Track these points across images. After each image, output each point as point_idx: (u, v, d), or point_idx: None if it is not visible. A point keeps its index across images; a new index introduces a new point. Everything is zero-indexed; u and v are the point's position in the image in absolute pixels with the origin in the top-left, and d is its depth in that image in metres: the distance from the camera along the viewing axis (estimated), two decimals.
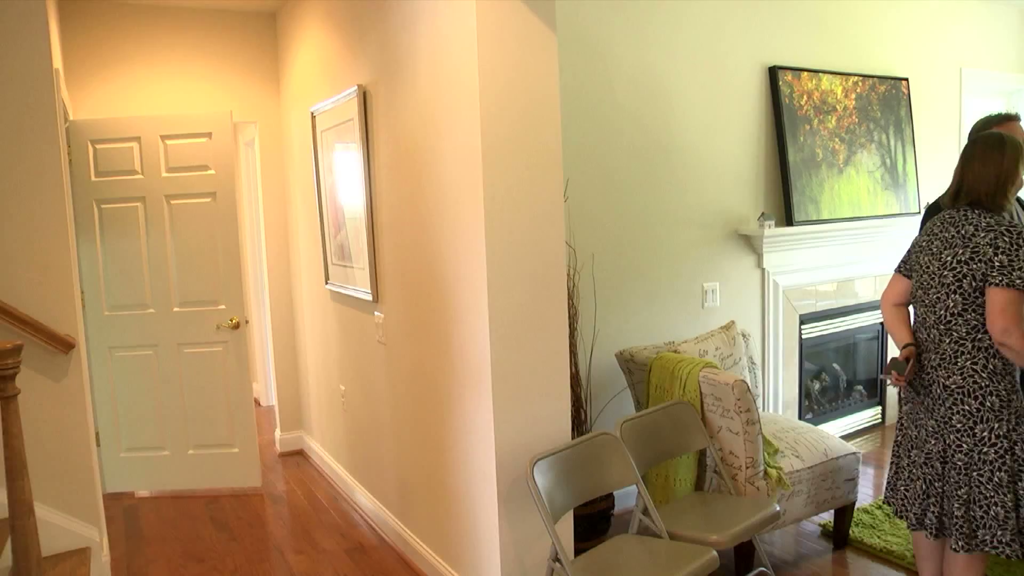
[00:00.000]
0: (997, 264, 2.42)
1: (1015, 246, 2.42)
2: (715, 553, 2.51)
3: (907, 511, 2.68)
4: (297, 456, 5.18)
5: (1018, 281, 2.39)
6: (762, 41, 4.46)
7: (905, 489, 2.70)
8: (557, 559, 2.50)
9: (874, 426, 5.25)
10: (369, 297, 3.66)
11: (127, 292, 4.34)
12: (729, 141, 4.35)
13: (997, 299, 2.42)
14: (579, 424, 3.49)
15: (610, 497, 3.40)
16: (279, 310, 5.17)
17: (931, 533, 2.61)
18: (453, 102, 2.75)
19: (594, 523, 3.33)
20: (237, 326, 4.38)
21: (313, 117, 4.22)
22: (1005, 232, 2.45)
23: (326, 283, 4.29)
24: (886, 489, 2.84)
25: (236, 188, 4.78)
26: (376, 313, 3.65)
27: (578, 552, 3.16)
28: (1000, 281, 2.41)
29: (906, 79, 5.21)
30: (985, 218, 2.51)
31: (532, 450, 2.74)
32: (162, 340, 4.38)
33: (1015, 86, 6.23)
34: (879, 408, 5.28)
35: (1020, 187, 2.60)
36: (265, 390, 6.47)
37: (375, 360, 3.74)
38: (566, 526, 2.86)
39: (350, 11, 3.63)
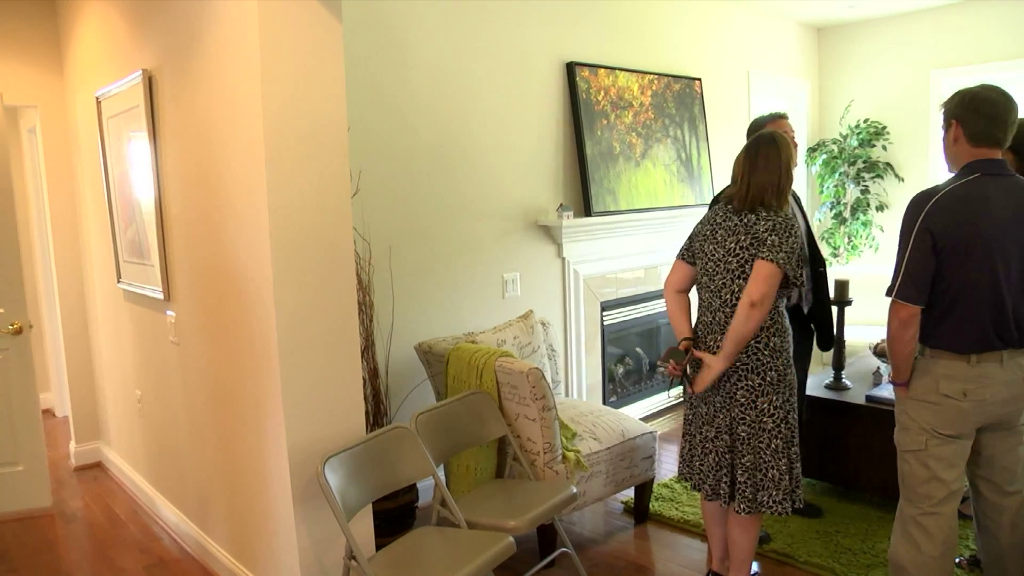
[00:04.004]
0: (768, 243, 2.64)
1: (787, 234, 2.65)
2: (511, 539, 2.55)
3: (704, 483, 2.85)
4: (95, 469, 4.83)
5: (780, 260, 2.63)
6: (560, 37, 4.59)
7: (700, 464, 2.87)
8: (353, 557, 2.46)
9: (677, 405, 5.56)
10: (161, 295, 3.47)
11: None
12: (528, 134, 4.45)
13: (763, 270, 2.64)
14: (379, 418, 3.47)
15: (413, 490, 3.39)
16: (71, 312, 4.79)
17: (725, 501, 2.80)
18: (236, 90, 2.65)
19: (399, 517, 3.31)
20: (20, 331, 4.02)
21: (99, 102, 3.93)
22: (782, 221, 2.68)
23: (118, 281, 4.03)
24: (679, 464, 3.00)
25: (13, 178, 4.37)
26: (168, 312, 3.47)
27: (383, 548, 3.13)
28: (767, 256, 2.64)
29: (699, 79, 5.54)
30: (763, 210, 2.71)
31: (326, 448, 2.68)
32: None
33: (794, 88, 6.80)
34: (681, 388, 5.58)
35: (792, 181, 2.83)
36: (59, 400, 5.99)
37: (169, 362, 3.56)
38: (364, 522, 2.83)
39: None
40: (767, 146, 2.75)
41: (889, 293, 2.43)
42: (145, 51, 3.37)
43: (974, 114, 2.38)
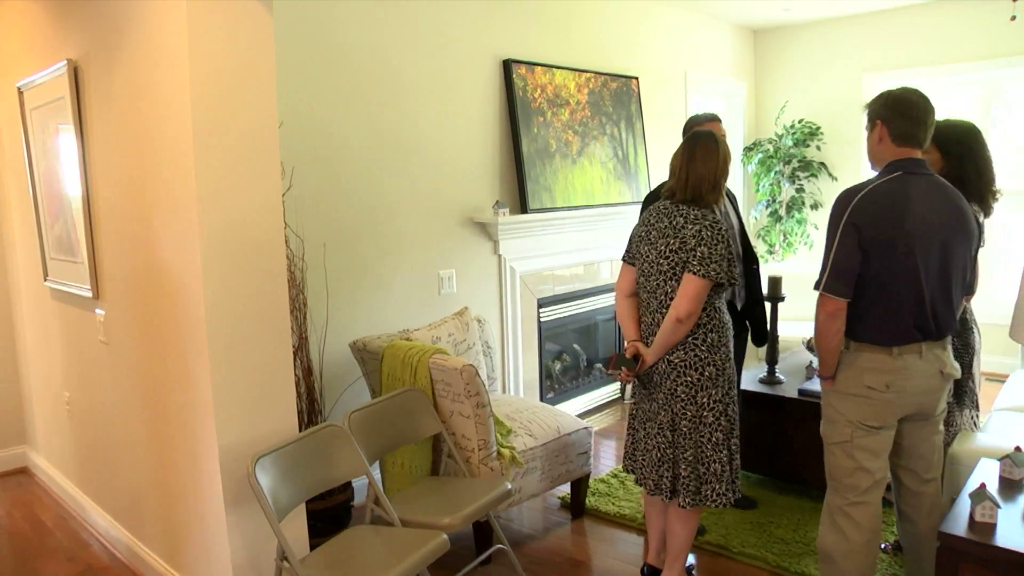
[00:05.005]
0: (698, 255, 2.68)
1: (715, 241, 2.69)
2: (445, 536, 2.55)
3: (646, 478, 2.89)
4: (20, 475, 4.66)
5: (712, 273, 2.67)
6: (497, 35, 4.60)
7: (643, 459, 2.90)
8: (285, 558, 2.43)
9: (614, 401, 5.62)
10: (89, 294, 3.38)
11: None
12: (464, 131, 4.45)
13: (691, 286, 2.69)
14: (314, 416, 3.44)
15: (348, 489, 3.37)
16: None
17: (667, 496, 2.83)
18: (164, 82, 2.59)
19: (335, 516, 3.29)
20: None
21: (21, 93, 3.81)
22: (709, 226, 2.71)
23: (45, 279, 3.91)
24: (624, 459, 3.04)
25: None
26: (98, 311, 3.38)
27: (317, 548, 3.10)
28: (697, 271, 2.68)
29: (636, 78, 5.60)
30: (693, 211, 2.76)
31: (258, 448, 2.64)
32: None
33: (731, 88, 6.92)
34: (618, 384, 5.64)
35: (728, 178, 2.90)
36: None
37: (99, 362, 3.47)
38: (298, 522, 2.79)
39: None
40: (706, 140, 2.81)
41: (817, 287, 2.49)
42: (70, 40, 3.27)
43: (898, 115, 2.46)
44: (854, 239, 2.40)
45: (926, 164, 2.50)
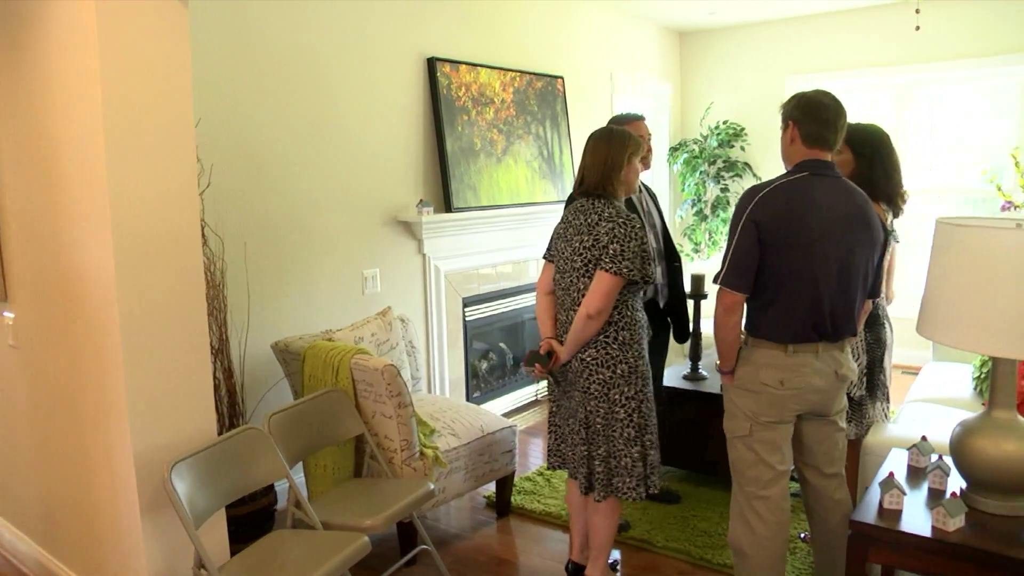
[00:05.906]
0: (610, 252, 2.71)
1: (628, 238, 2.72)
2: (366, 538, 2.54)
3: (576, 472, 2.92)
4: None
5: (624, 270, 2.70)
6: (421, 32, 4.59)
7: (572, 453, 2.93)
8: (203, 565, 2.38)
9: (542, 399, 5.65)
10: None
11: None
12: (388, 129, 4.43)
13: (603, 283, 2.72)
14: (235, 419, 3.38)
15: (271, 492, 3.32)
16: None
17: (584, 491, 2.87)
18: (75, 78, 2.51)
19: (257, 521, 3.23)
20: None
21: None
22: (622, 224, 2.74)
23: None
24: (548, 456, 3.06)
25: None
26: (6, 314, 3.25)
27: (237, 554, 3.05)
28: (609, 268, 2.71)
29: (561, 77, 5.65)
30: (608, 208, 2.79)
31: (175, 454, 2.58)
32: None
33: (657, 89, 7.03)
34: (545, 382, 5.67)
35: (637, 175, 2.94)
36: None
37: (9, 367, 3.33)
38: (217, 528, 2.73)
39: None
40: (598, 134, 2.90)
41: (716, 280, 2.55)
42: None
43: (809, 117, 2.53)
44: (754, 235, 2.45)
45: (834, 167, 2.57)
